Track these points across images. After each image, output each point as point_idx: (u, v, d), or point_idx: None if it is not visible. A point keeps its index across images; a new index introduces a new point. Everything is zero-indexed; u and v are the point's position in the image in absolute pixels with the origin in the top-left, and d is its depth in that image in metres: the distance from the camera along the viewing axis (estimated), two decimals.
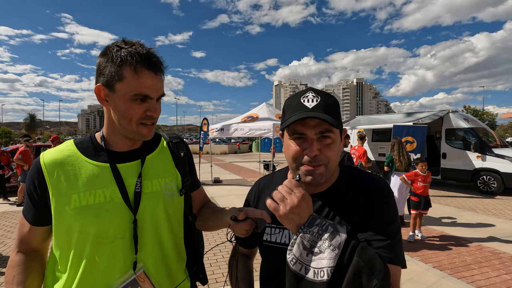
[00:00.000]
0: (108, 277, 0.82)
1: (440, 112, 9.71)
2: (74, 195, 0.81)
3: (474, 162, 8.63)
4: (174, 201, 0.95)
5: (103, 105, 0.85)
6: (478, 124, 9.56)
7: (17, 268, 0.82)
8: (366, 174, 0.86)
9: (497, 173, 8.21)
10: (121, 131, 0.86)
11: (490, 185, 8.33)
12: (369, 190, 0.80)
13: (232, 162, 19.28)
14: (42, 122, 72.87)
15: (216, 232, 5.06)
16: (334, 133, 0.75)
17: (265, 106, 10.93)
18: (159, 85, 0.82)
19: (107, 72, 0.79)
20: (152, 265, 0.87)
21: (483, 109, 43.40)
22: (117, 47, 0.80)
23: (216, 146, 28.75)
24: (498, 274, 3.51)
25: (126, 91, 0.78)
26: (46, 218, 0.84)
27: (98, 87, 0.82)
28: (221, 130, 10.12)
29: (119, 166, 0.87)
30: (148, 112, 0.82)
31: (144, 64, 0.78)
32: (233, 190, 9.04)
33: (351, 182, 0.83)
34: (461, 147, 8.99)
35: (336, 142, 0.76)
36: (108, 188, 0.84)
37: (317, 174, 0.74)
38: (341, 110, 0.88)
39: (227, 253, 4.13)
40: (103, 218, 0.81)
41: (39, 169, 0.83)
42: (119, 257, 0.83)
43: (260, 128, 9.40)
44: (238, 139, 34.35)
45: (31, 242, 0.87)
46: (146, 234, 0.87)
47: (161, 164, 0.97)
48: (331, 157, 0.75)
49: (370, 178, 0.84)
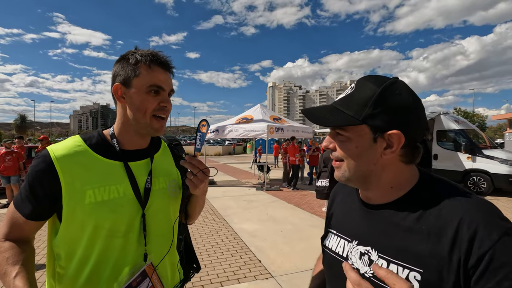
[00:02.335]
0: (119, 269, 0.86)
1: (432, 114, 9.88)
2: (89, 191, 0.83)
3: (464, 163, 8.80)
4: (177, 198, 1.04)
5: (119, 102, 0.92)
6: (468, 126, 9.75)
7: (9, 251, 0.81)
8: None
9: (487, 174, 8.39)
10: (134, 127, 0.92)
11: (480, 186, 8.50)
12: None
13: (226, 163, 19.26)
14: (33, 123, 71.75)
15: (209, 228, 5.08)
16: (346, 130, 0.66)
17: (260, 108, 10.98)
18: (169, 81, 0.93)
19: (124, 72, 0.89)
20: (157, 257, 0.94)
21: (473, 111, 44.23)
22: (132, 52, 0.91)
23: (210, 147, 28.69)
24: None
25: (142, 83, 0.88)
26: (46, 213, 0.85)
27: (116, 86, 0.90)
28: (216, 132, 10.12)
29: (131, 164, 0.93)
30: (162, 103, 0.90)
31: (156, 61, 0.89)
32: (228, 192, 9.04)
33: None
34: (452, 148, 9.15)
35: (350, 140, 0.66)
36: (121, 184, 0.89)
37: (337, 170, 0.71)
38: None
39: (227, 250, 4.16)
40: (118, 213, 0.86)
41: (49, 164, 0.82)
42: (130, 250, 0.88)
43: (255, 130, 9.44)
44: (232, 140, 34.32)
45: (23, 234, 0.86)
46: (153, 228, 0.93)
47: (165, 163, 1.05)
48: (344, 155, 0.67)
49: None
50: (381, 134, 0.63)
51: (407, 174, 0.67)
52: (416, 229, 0.60)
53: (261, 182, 10.69)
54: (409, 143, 0.64)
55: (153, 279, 0.90)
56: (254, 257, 4.09)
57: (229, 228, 5.42)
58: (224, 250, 4.34)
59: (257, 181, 11.18)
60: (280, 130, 9.65)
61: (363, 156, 0.65)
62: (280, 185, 10.01)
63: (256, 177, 12.16)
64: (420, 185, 0.65)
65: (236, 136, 9.92)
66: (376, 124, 0.62)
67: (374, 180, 0.67)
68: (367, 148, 0.64)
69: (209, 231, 5.22)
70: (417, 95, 0.65)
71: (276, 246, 4.48)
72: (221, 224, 5.66)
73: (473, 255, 0.52)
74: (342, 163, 0.68)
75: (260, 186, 9.80)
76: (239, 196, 8.39)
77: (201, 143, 1.12)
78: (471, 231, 0.54)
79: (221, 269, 3.67)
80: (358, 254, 0.68)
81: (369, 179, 0.67)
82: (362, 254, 0.67)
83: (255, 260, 3.97)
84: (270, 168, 10.87)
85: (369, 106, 0.62)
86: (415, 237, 0.60)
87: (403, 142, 0.62)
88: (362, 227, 0.70)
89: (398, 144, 0.62)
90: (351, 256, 0.70)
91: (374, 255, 0.65)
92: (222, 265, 3.81)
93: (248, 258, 4.04)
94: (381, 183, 0.67)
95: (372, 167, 0.65)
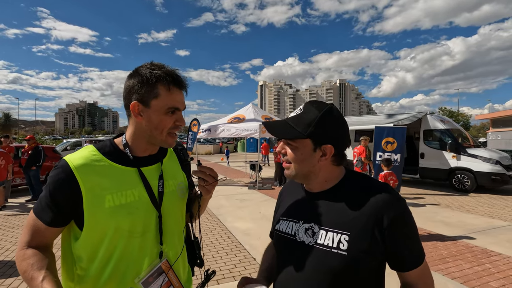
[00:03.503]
0: (138, 267, 0.93)
1: (419, 113, 10.17)
2: (108, 196, 0.89)
3: (449, 162, 9.11)
4: (184, 199, 1.12)
5: (136, 118, 0.96)
6: (453, 125, 10.09)
7: (33, 258, 0.85)
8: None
9: (471, 172, 8.71)
10: (149, 139, 0.98)
11: (464, 183, 8.82)
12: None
13: (218, 162, 19.25)
14: (17, 121, 69.60)
15: (208, 223, 5.13)
16: (295, 142, 0.88)
17: (252, 107, 11.04)
18: (184, 99, 1.00)
19: (142, 91, 0.93)
20: (172, 254, 1.02)
21: (458, 110, 45.38)
22: (149, 69, 0.93)
23: (201, 146, 28.57)
24: (470, 266, 3.78)
25: (161, 105, 0.93)
26: (66, 220, 0.91)
27: (134, 104, 0.94)
28: (208, 131, 10.14)
29: (143, 169, 0.99)
30: (177, 123, 0.98)
31: (175, 83, 0.95)
32: (220, 191, 9.08)
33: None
34: (437, 147, 9.46)
35: (298, 149, 0.89)
36: (135, 188, 0.95)
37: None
38: None
39: (222, 249, 4.22)
40: (135, 215, 0.93)
41: (68, 173, 0.88)
42: (147, 249, 0.95)
43: (247, 129, 9.50)
44: (223, 139, 34.28)
45: (44, 240, 0.91)
46: (168, 228, 1.01)
47: (173, 167, 1.13)
48: (292, 159, 0.90)
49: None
50: (319, 146, 0.88)
51: (336, 172, 0.94)
52: (344, 207, 0.87)
53: (253, 181, 10.78)
54: (338, 152, 0.90)
55: (170, 275, 0.97)
56: (249, 255, 4.17)
57: (223, 227, 5.48)
58: (219, 249, 4.40)
59: (249, 180, 11.25)
60: None
61: (305, 161, 0.89)
62: (272, 184, 10.12)
63: (248, 176, 12.23)
64: (345, 179, 0.93)
65: (228, 135, 9.96)
66: (316, 139, 0.87)
67: (313, 177, 0.92)
68: (309, 156, 0.89)
69: (203, 230, 5.27)
70: (344, 118, 0.92)
71: None
72: (214, 223, 5.72)
73: (384, 221, 0.81)
74: (290, 165, 0.92)
75: (252, 185, 9.88)
76: (232, 195, 8.45)
77: (192, 142, 1.18)
78: (381, 206, 0.82)
79: (217, 267, 3.74)
80: (304, 230, 0.91)
81: (310, 176, 0.92)
82: (307, 229, 0.90)
83: (249, 258, 4.05)
84: (261, 167, 10.95)
85: (312, 126, 0.86)
86: (344, 212, 0.86)
87: (333, 152, 0.89)
88: (306, 210, 0.94)
89: (330, 153, 0.88)
90: (298, 233, 0.92)
91: (316, 228, 0.88)
92: (217, 263, 3.87)
93: (243, 256, 4.12)
94: (318, 179, 0.92)
95: (312, 168, 0.90)
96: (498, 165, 8.42)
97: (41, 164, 7.75)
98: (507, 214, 6.34)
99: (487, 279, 3.42)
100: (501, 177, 8.37)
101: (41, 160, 7.74)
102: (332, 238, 0.84)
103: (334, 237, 0.84)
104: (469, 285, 3.29)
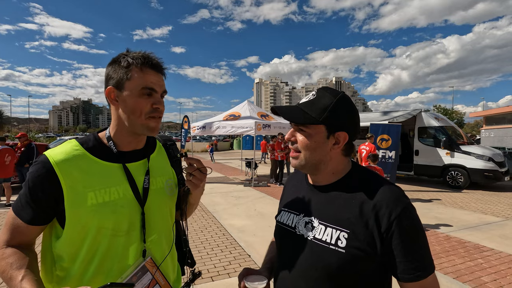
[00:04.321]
0: (122, 266, 0.89)
1: (413, 111, 10.23)
2: (90, 193, 0.85)
3: (443, 159, 9.19)
4: (173, 196, 1.08)
5: (113, 105, 0.93)
6: (447, 122, 10.17)
7: (12, 257, 0.81)
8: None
9: (464, 169, 8.80)
10: (130, 128, 0.93)
11: (458, 180, 8.91)
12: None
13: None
14: (10, 119, 68.64)
15: (198, 224, 5.11)
16: (308, 128, 0.84)
17: (247, 104, 11.00)
18: (161, 82, 0.94)
19: (116, 75, 0.90)
20: (158, 252, 0.98)
21: (452, 108, 45.82)
22: (123, 55, 0.91)
23: (197, 143, 28.47)
24: (463, 261, 3.82)
25: (134, 86, 0.89)
26: (47, 218, 0.86)
27: (109, 89, 0.91)
28: (203, 128, 10.08)
29: (128, 165, 0.95)
30: (154, 105, 0.92)
31: (148, 64, 0.90)
32: (215, 188, 9.07)
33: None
34: (432, 144, 9.53)
35: (311, 136, 0.83)
36: (120, 185, 0.91)
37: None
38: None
39: (217, 246, 4.21)
40: (119, 213, 0.89)
41: (49, 169, 0.84)
42: (132, 247, 0.91)
43: (243, 126, 9.47)
44: (219, 136, 34.19)
45: (24, 239, 0.87)
46: (153, 225, 0.97)
47: (161, 163, 1.08)
48: (303, 147, 0.85)
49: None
50: (333, 133, 0.84)
51: (345, 163, 0.89)
52: (347, 203, 0.82)
53: (248, 178, 10.77)
54: (349, 142, 0.86)
55: (155, 275, 0.94)
56: (244, 252, 4.17)
57: (218, 224, 5.47)
58: (214, 246, 4.39)
59: (245, 178, 11.25)
60: (267, 126, 9.73)
61: (317, 149, 0.84)
62: (268, 181, 10.13)
63: (244, 174, 12.22)
64: (352, 172, 0.89)
65: (224, 132, 9.92)
66: (330, 125, 0.83)
67: (322, 168, 0.87)
68: (322, 143, 0.84)
69: (198, 228, 5.26)
70: (355, 106, 0.88)
71: (265, 241, 4.57)
72: (210, 221, 5.71)
73: (385, 221, 0.75)
74: (299, 154, 0.87)
75: (248, 183, 9.88)
76: (227, 193, 8.44)
77: (184, 139, 1.16)
78: (384, 205, 0.77)
79: (211, 265, 3.73)
80: (304, 223, 0.89)
81: (319, 166, 0.87)
82: (307, 223, 0.88)
83: (244, 255, 4.05)
84: (257, 164, 10.95)
85: (328, 111, 0.82)
86: (346, 208, 0.82)
87: (347, 140, 0.85)
88: (308, 204, 0.91)
89: (344, 141, 0.85)
90: (298, 226, 0.90)
91: (316, 222, 0.86)
92: (212, 260, 3.87)
93: (237, 253, 4.11)
94: (326, 170, 0.88)
95: (323, 157, 0.86)
96: (491, 162, 8.52)
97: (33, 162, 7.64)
98: (499, 210, 6.42)
99: (479, 274, 3.46)
100: (493, 174, 8.47)
101: (34, 158, 7.64)
102: (331, 234, 0.81)
103: (333, 234, 0.80)
104: (461, 280, 3.33)
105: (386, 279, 0.83)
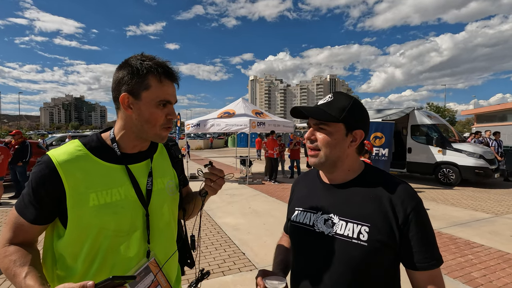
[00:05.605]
0: (125, 266, 0.89)
1: (406, 109, 10.33)
2: (92, 194, 0.86)
3: (435, 156, 9.32)
4: (174, 197, 1.08)
5: (126, 112, 0.92)
6: (440, 120, 10.29)
7: (15, 254, 0.82)
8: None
9: (455, 166, 8.95)
10: (140, 134, 0.94)
11: (449, 177, 9.05)
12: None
13: (208, 157, 19.15)
14: (0, 116, 67.35)
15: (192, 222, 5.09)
16: (329, 126, 0.90)
17: (242, 102, 10.97)
18: (175, 93, 0.96)
19: (132, 82, 0.89)
20: (161, 253, 0.99)
21: (444, 106, 46.47)
22: (140, 60, 0.90)
23: (192, 141, 28.34)
24: (454, 257, 3.89)
25: (152, 98, 0.90)
26: (50, 217, 0.87)
27: (124, 96, 0.90)
28: (197, 126, 10.04)
29: (131, 167, 0.95)
30: (169, 116, 0.94)
31: (166, 74, 0.91)
32: None
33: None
34: (424, 142, 9.65)
35: (331, 133, 0.90)
36: (122, 187, 0.91)
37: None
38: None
39: (211, 244, 4.21)
40: (120, 214, 0.89)
41: (52, 169, 0.84)
42: (134, 248, 0.92)
43: (237, 124, 9.46)
44: (214, 134, 34.08)
45: (27, 238, 0.87)
46: (156, 226, 0.97)
47: (163, 164, 1.08)
48: (324, 144, 0.90)
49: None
50: (351, 131, 0.91)
51: (358, 161, 0.97)
52: (366, 199, 0.89)
53: (243, 176, 10.78)
54: (362, 141, 0.94)
55: (158, 276, 0.95)
56: (238, 250, 4.18)
57: (212, 222, 5.47)
58: (208, 244, 4.39)
59: (240, 175, 11.25)
60: (262, 124, 9.74)
61: (337, 146, 0.91)
62: (262, 179, 10.14)
63: (239, 171, 12.22)
64: (367, 170, 0.96)
65: (218, 130, 9.89)
66: (349, 124, 0.90)
67: (340, 165, 0.93)
68: (341, 140, 0.91)
69: (193, 226, 5.23)
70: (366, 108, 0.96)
71: (259, 239, 4.59)
72: (204, 219, 5.70)
73: (401, 215, 0.84)
74: (319, 152, 0.92)
75: (242, 180, 9.88)
76: (222, 190, 8.37)
77: (177, 136, 1.16)
78: (400, 200, 0.85)
79: (206, 263, 3.73)
80: (323, 220, 0.93)
81: (337, 164, 0.93)
82: (326, 220, 0.92)
83: (239, 253, 4.06)
84: (252, 162, 10.95)
85: (346, 111, 0.89)
86: (366, 204, 0.88)
87: (363, 138, 0.93)
88: (324, 201, 0.95)
89: (360, 139, 0.92)
90: (316, 223, 0.94)
91: (336, 219, 0.90)
92: (206, 258, 3.87)
93: (232, 251, 4.12)
94: (343, 167, 0.94)
95: (341, 154, 0.92)
96: (482, 159, 8.67)
97: (28, 160, 7.52)
98: (490, 207, 6.55)
99: (469, 270, 3.53)
100: (484, 171, 8.62)
101: (28, 156, 7.51)
102: (352, 229, 0.86)
103: (355, 228, 0.86)
104: (452, 276, 3.39)
105: (398, 268, 0.92)
